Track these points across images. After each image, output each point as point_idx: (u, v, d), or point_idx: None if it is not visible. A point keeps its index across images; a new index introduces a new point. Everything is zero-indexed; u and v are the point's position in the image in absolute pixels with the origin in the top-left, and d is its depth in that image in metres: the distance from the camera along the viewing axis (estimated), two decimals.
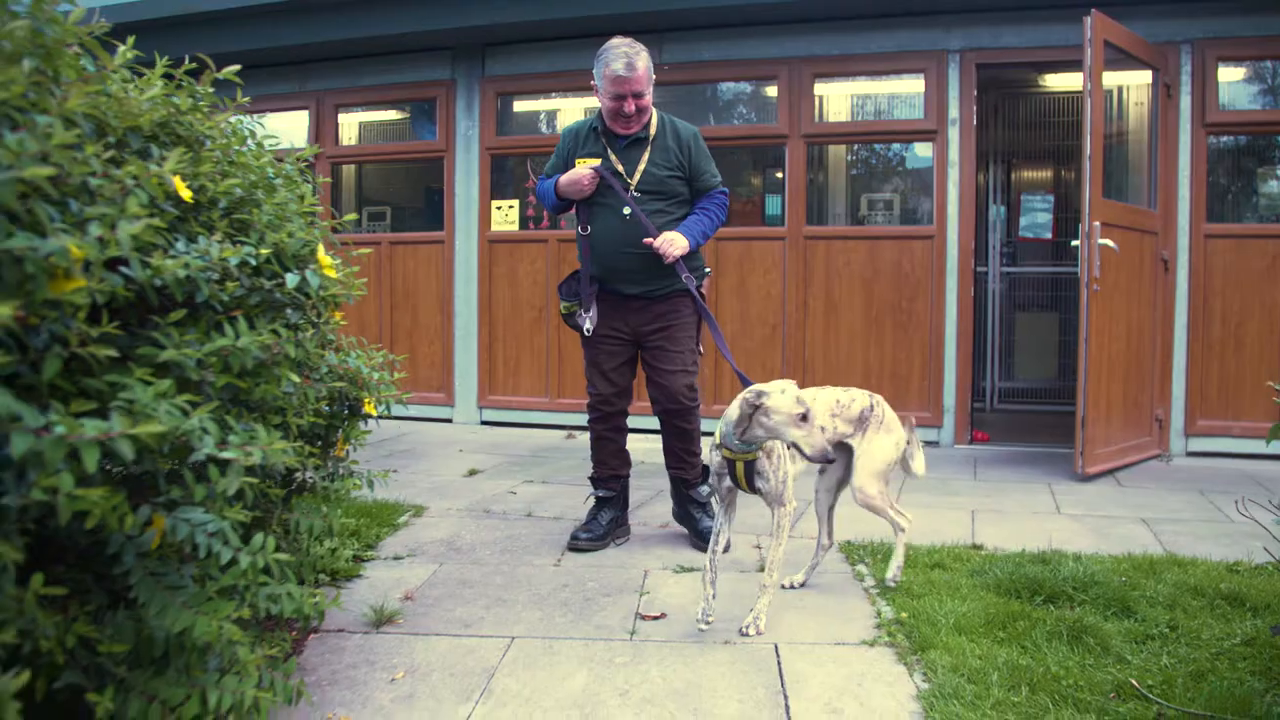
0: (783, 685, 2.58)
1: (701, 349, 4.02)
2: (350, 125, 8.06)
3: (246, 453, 1.65)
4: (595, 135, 3.92)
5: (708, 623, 2.93)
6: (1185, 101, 5.89)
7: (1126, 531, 4.12)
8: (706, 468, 3.72)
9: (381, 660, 2.76)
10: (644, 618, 3.11)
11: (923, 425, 6.27)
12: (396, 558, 3.74)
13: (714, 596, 2.96)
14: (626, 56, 3.69)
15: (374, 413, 2.86)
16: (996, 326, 8.47)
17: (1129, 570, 3.43)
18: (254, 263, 1.96)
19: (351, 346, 2.85)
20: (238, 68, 2.23)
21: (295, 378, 2.01)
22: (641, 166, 3.83)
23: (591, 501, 4.11)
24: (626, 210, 3.77)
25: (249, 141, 2.44)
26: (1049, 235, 8.01)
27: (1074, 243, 5.36)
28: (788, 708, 2.45)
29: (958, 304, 6.25)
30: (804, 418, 2.69)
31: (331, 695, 2.53)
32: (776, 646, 2.84)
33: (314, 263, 2.13)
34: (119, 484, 1.74)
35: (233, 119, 2.36)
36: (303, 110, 7.71)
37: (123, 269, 1.63)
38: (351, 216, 2.62)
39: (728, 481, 3.00)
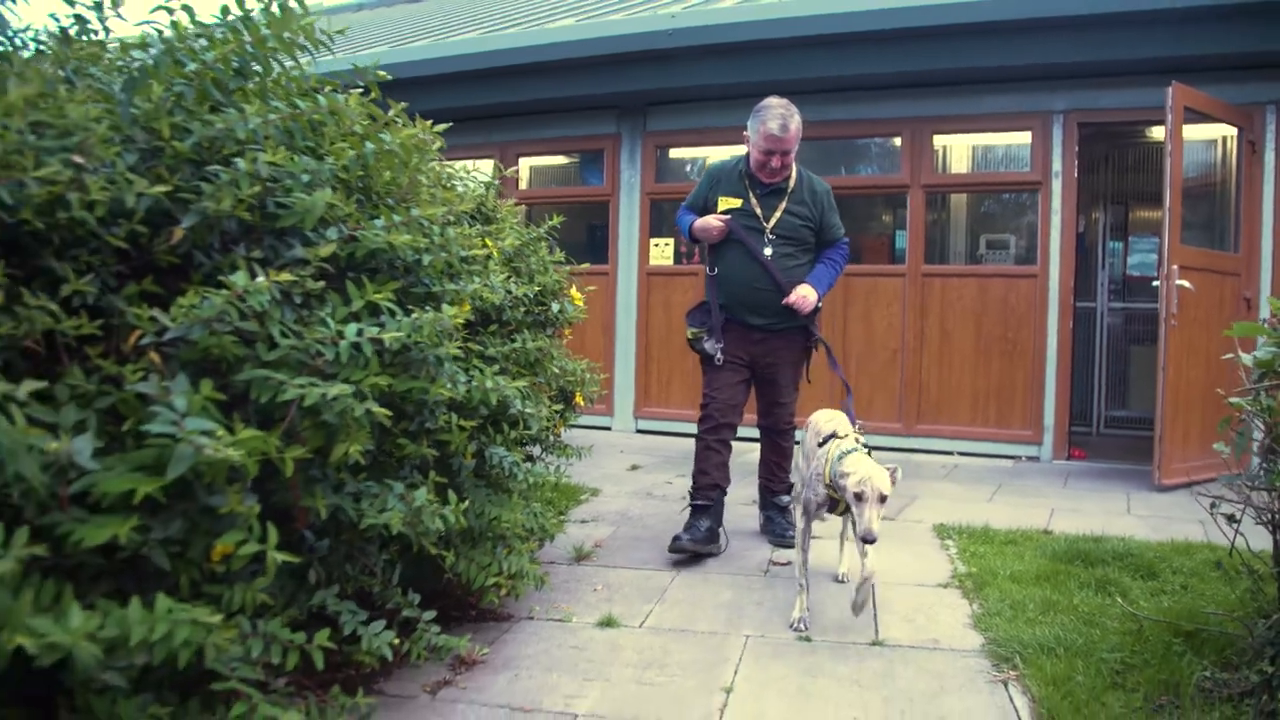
0: (874, 606, 3.57)
1: (809, 379, 4.59)
2: (524, 169, 9.34)
3: (540, 411, 2.78)
4: (739, 177, 4.33)
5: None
6: (1269, 157, 6.54)
7: (1180, 528, 4.85)
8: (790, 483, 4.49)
9: (585, 580, 3.87)
10: (774, 564, 4.15)
11: (1024, 442, 7.11)
12: (583, 521, 4.84)
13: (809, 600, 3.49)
14: (782, 118, 4.11)
15: (582, 403, 4.00)
16: (1103, 357, 9.14)
17: (1167, 550, 4.25)
18: (531, 295, 3.11)
19: (563, 354, 3.99)
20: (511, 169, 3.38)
21: (556, 369, 3.14)
22: (777, 214, 4.28)
23: (687, 512, 4.41)
24: (769, 251, 4.24)
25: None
26: (1154, 274, 8.66)
27: (1154, 282, 6.14)
28: (875, 616, 3.45)
29: (1058, 336, 7.04)
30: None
31: (554, 596, 3.64)
32: (873, 585, 3.83)
33: (566, 296, 3.28)
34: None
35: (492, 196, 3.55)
36: (489, 159, 8.99)
37: None
38: (585, 266, 3.76)
39: (825, 508, 3.54)
